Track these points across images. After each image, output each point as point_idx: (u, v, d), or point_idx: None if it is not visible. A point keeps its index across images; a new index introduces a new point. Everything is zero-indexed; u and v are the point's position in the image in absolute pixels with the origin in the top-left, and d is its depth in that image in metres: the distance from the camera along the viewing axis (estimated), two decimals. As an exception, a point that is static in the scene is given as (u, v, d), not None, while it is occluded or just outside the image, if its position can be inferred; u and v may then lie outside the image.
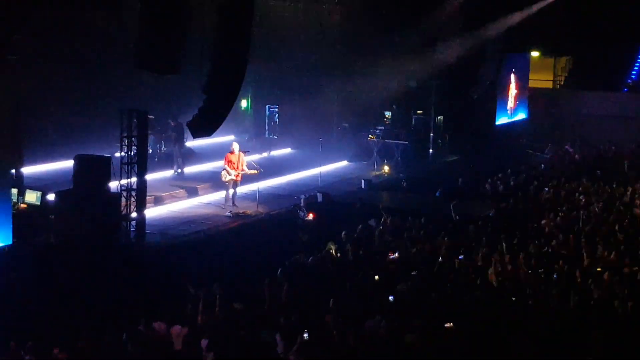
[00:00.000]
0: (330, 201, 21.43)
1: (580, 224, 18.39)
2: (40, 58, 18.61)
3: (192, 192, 21.70)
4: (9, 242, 14.74)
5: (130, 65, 14.16)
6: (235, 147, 20.79)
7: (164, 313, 12.70)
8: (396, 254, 15.82)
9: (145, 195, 17.29)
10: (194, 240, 17.78)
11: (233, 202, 20.62)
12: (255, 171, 20.96)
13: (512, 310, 12.50)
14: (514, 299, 13.14)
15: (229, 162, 20.54)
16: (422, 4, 28.64)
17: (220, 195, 21.19)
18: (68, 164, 17.37)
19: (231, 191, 20.64)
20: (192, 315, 12.63)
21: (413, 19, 28.43)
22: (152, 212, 18.59)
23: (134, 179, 16.95)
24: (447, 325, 11.74)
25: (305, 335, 11.03)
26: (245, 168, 20.67)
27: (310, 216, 19.88)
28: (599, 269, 14.58)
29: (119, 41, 17.84)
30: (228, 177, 20.51)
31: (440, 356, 10.74)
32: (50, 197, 17.05)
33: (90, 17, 17.55)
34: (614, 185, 23.23)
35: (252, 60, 14.90)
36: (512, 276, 14.36)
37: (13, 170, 16.01)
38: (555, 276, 14.32)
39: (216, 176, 22.14)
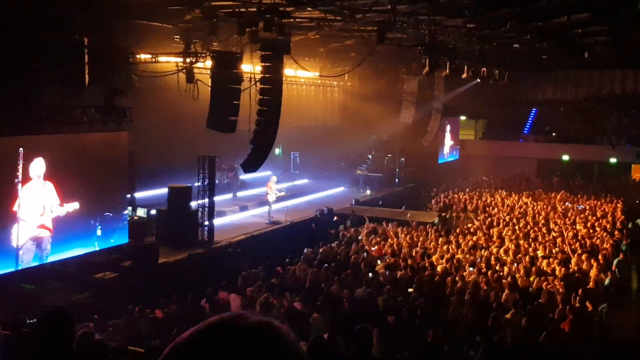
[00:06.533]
0: (332, 212, 21.27)
1: (493, 225, 18.23)
2: (146, 121, 18.19)
3: (244, 208, 21.38)
4: (126, 241, 14.66)
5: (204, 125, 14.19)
6: (274, 178, 20.39)
7: (225, 287, 12.63)
8: (376, 247, 15.68)
9: (213, 210, 17.21)
10: (245, 240, 17.62)
11: (270, 215, 20.12)
12: (284, 193, 20.68)
13: (452, 282, 12.32)
14: (453, 274, 12.98)
15: (270, 187, 19.95)
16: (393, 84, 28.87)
17: (262, 210, 20.93)
18: (164, 190, 17.35)
19: (271, 207, 19.99)
20: (243, 289, 12.55)
21: (385, 96, 28.57)
22: (217, 222, 18.43)
23: (206, 200, 16.92)
24: (410, 290, 11.68)
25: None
26: (277, 192, 20.25)
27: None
28: (505, 257, 14.40)
29: (195, 109, 17.43)
30: (273, 197, 19.90)
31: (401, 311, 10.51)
32: (153, 212, 17.03)
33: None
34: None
35: (282, 122, 14.82)
36: (451, 258, 14.22)
37: (128, 195, 15.94)
38: (479, 259, 14.17)
39: (259, 198, 22.04)
